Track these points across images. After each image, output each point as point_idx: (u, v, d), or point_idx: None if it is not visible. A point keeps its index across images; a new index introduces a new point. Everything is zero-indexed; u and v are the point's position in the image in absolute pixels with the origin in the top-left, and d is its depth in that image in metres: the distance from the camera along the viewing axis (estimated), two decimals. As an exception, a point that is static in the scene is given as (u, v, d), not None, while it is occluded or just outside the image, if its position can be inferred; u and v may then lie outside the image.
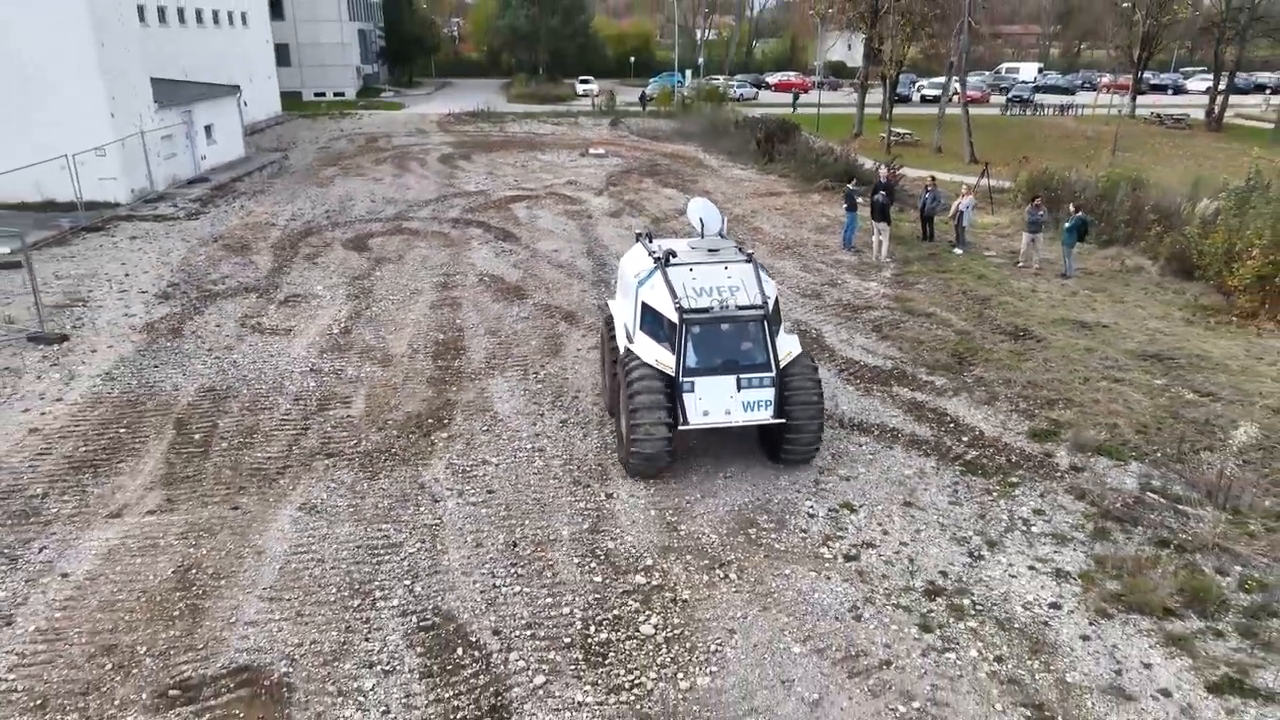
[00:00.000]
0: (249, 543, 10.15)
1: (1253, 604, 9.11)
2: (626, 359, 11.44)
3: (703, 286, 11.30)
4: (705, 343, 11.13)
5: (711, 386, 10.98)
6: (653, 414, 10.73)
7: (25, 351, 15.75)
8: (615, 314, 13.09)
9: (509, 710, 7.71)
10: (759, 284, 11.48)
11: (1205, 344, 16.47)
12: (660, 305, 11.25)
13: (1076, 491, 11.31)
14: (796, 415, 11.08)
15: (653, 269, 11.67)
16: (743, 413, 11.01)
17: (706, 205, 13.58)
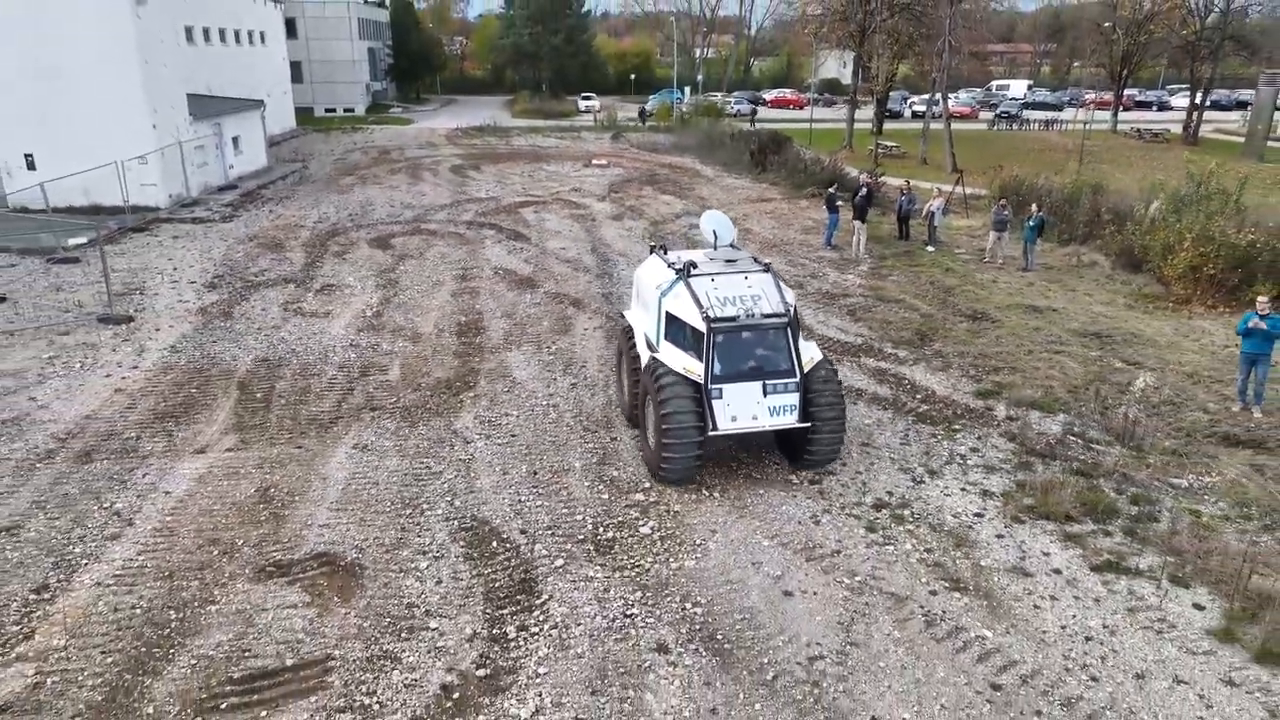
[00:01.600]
0: (314, 471, 12.22)
1: (1138, 513, 11.16)
2: (654, 368, 11.63)
3: (726, 296, 11.57)
4: (732, 350, 11.38)
5: (739, 393, 11.23)
6: (684, 421, 10.98)
7: (98, 330, 17.85)
8: (634, 325, 13.36)
9: (535, 581, 9.76)
10: (779, 293, 11.83)
11: (1140, 324, 18.59)
12: (685, 314, 11.55)
13: (1008, 435, 13.39)
14: (820, 420, 11.43)
15: (675, 280, 12.02)
16: (769, 418, 11.32)
17: (719, 217, 13.82)
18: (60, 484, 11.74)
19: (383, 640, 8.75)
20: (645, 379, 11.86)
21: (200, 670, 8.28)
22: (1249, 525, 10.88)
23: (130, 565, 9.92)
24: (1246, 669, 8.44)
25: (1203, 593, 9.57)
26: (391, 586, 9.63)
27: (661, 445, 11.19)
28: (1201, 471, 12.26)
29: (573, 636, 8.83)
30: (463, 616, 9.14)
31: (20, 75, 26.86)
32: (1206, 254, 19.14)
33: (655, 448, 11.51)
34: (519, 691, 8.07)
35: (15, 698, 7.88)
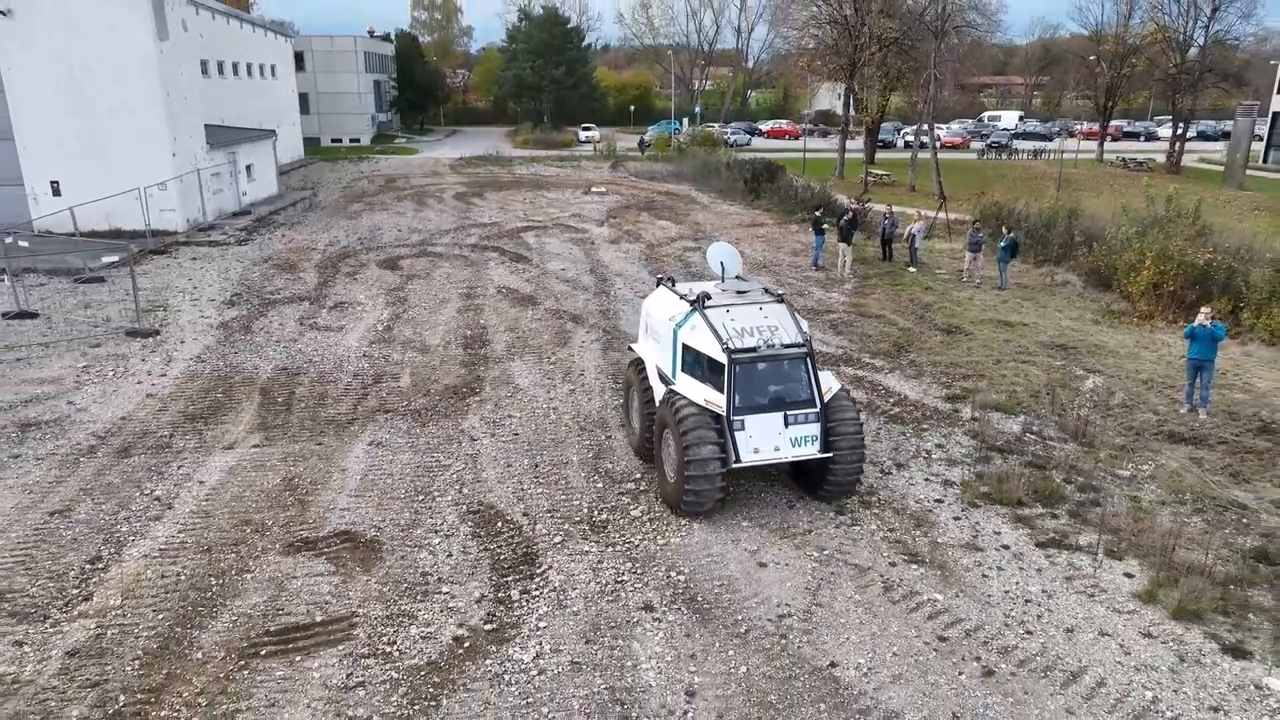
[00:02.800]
0: (334, 464, 13.37)
1: (1084, 499, 12.30)
2: (673, 400, 11.51)
3: (743, 327, 11.55)
4: (752, 381, 11.32)
5: (761, 424, 11.15)
6: (707, 454, 10.88)
7: (126, 343, 19.07)
8: (645, 357, 13.29)
9: (536, 554, 10.88)
10: (796, 323, 11.88)
11: (1104, 337, 19.81)
12: (703, 346, 11.52)
13: (971, 434, 14.55)
14: (840, 450, 11.37)
15: (690, 311, 11.99)
16: (791, 448, 11.24)
17: (726, 249, 13.84)
18: (103, 475, 12.88)
19: (400, 602, 9.87)
20: (663, 412, 11.73)
21: (240, 625, 9.38)
22: (1181, 509, 12.01)
23: (173, 541, 11.05)
24: (1163, 624, 9.54)
25: (1134, 564, 10.69)
26: (407, 559, 10.75)
27: (684, 479, 11.02)
28: (1140, 462, 13.40)
29: (569, 598, 9.94)
30: (471, 583, 10.26)
31: (52, 108, 28.37)
32: (1166, 272, 20.40)
33: (676, 481, 11.33)
34: (522, 641, 9.17)
35: (81, 645, 8.99)
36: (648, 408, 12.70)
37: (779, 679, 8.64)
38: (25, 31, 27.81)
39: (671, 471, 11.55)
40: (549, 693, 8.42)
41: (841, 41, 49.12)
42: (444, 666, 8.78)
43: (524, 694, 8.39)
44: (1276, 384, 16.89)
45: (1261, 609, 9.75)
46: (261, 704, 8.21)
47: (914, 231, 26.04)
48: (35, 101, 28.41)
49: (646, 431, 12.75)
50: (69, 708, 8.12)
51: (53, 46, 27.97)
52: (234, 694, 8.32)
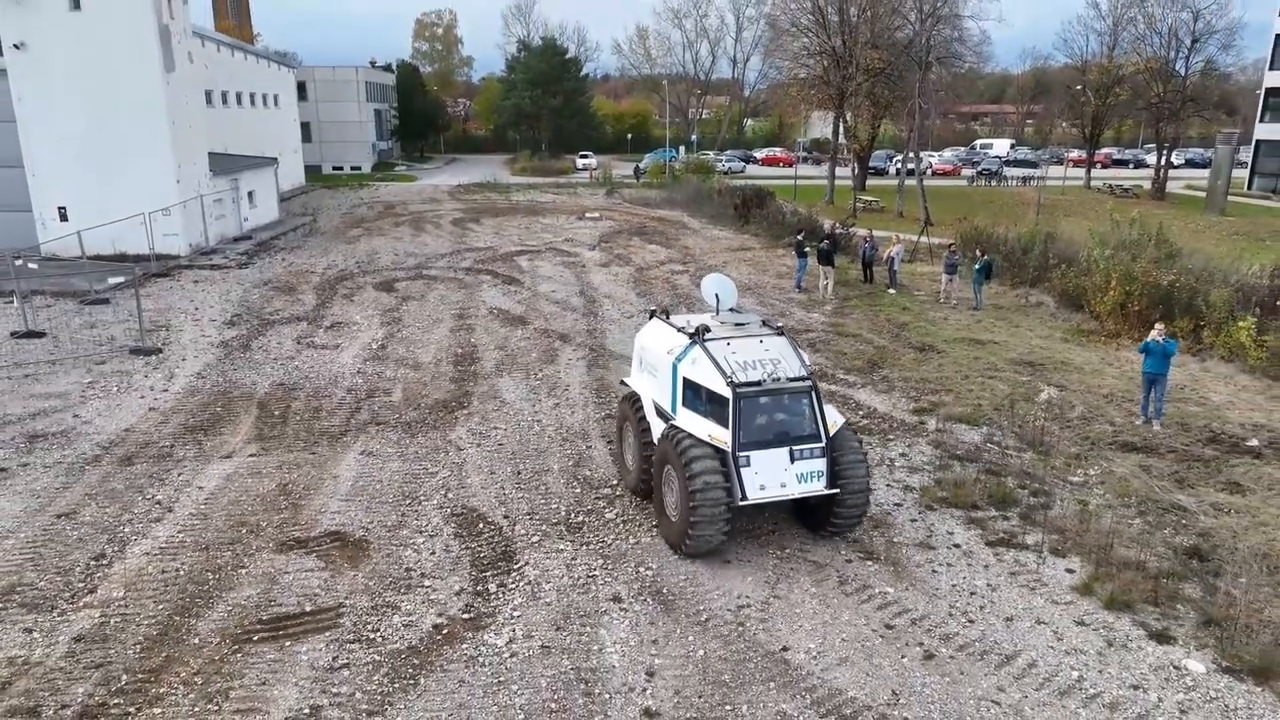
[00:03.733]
0: (327, 471, 14.08)
1: (1035, 503, 12.98)
2: (675, 436, 11.17)
3: (745, 360, 11.27)
4: (757, 416, 11.02)
5: (766, 460, 10.82)
6: (714, 492, 10.55)
7: (130, 360, 19.84)
8: (641, 391, 12.98)
9: (515, 552, 11.57)
10: (798, 355, 11.68)
11: (1071, 355, 20.57)
12: (705, 380, 11.21)
13: (935, 443, 15.27)
14: (846, 485, 11.08)
15: (689, 345, 11.72)
16: (797, 485, 10.90)
17: (721, 280, 13.61)
18: (107, 481, 13.60)
19: (385, 594, 10.54)
20: (665, 449, 11.35)
21: (235, 614, 10.06)
22: (1126, 511, 12.70)
23: (173, 540, 11.74)
24: (1097, 614, 10.21)
25: (1076, 561, 11.36)
26: (393, 556, 11.44)
27: (689, 518, 10.65)
28: (1088, 467, 14.11)
29: (543, 591, 10.62)
30: (452, 578, 10.94)
31: (62, 137, 29.37)
32: (1131, 292, 21.19)
33: (680, 520, 10.95)
34: (496, 628, 9.85)
35: (86, 631, 9.66)
36: (645, 444, 12.33)
37: (734, 661, 9.31)
38: (38, 63, 28.86)
39: (674, 510, 11.19)
40: (519, 672, 9.08)
41: (830, 72, 50.36)
42: (423, 650, 9.45)
43: (496, 674, 9.06)
44: (1229, 397, 17.63)
45: (1189, 600, 10.42)
46: (253, 683, 8.87)
47: (893, 255, 26.90)
48: (45, 130, 29.40)
49: (645, 468, 12.36)
50: (75, 685, 8.78)
51: (63, 78, 29.00)
52: (227, 674, 8.98)
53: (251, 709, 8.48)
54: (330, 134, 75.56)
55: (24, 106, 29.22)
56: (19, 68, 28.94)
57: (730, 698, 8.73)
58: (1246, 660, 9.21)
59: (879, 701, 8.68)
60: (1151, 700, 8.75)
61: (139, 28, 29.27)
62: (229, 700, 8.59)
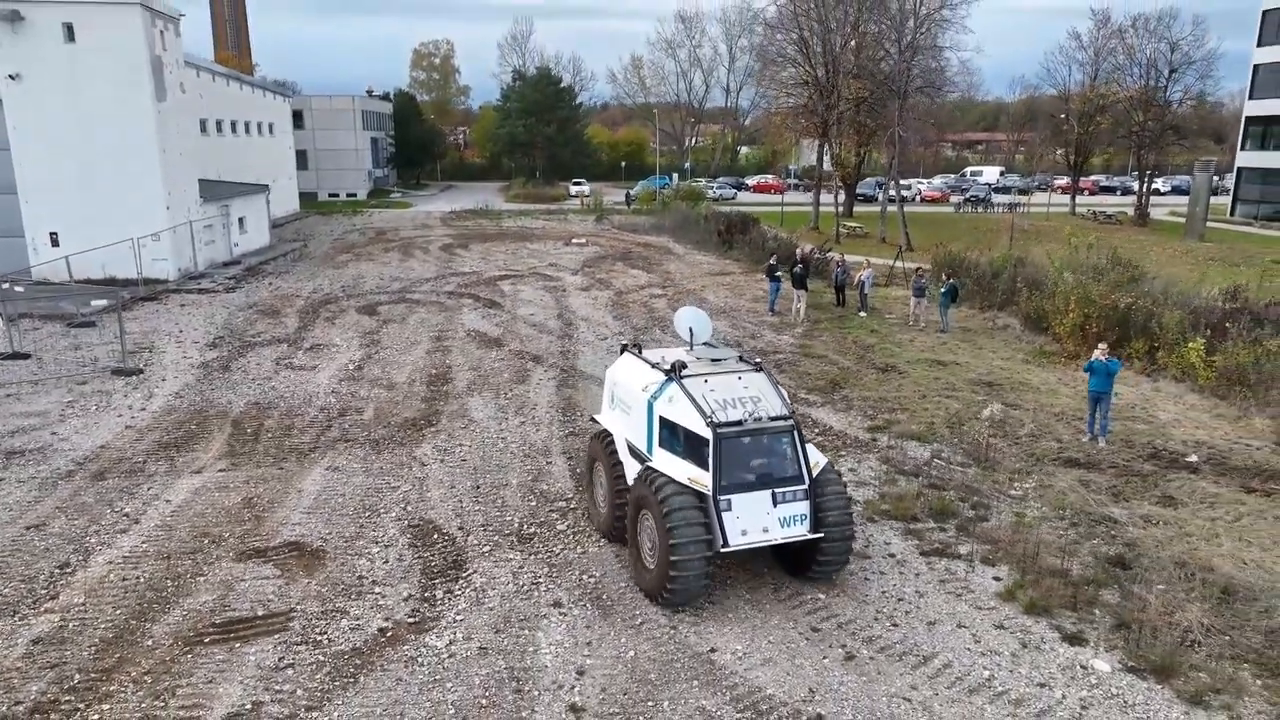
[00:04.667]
0: (292, 486, 14.55)
1: (974, 516, 13.44)
2: (651, 479, 10.62)
3: (724, 398, 10.80)
4: (738, 457, 10.55)
5: (748, 503, 10.35)
6: (694, 538, 10.06)
7: (111, 381, 20.35)
8: (613, 430, 12.47)
9: (465, 561, 12.01)
10: (778, 393, 11.25)
11: (1030, 375, 21.08)
12: (682, 419, 10.72)
13: (884, 459, 15.73)
14: (831, 528, 10.66)
15: (665, 381, 11.25)
16: (780, 529, 10.44)
17: (696, 314, 13.05)
18: (78, 495, 14.06)
19: (336, 600, 10.98)
20: (640, 491, 10.80)
21: (189, 618, 10.49)
22: (1059, 523, 13.15)
23: (136, 550, 12.19)
24: (1016, 618, 10.64)
25: (1004, 570, 11.80)
26: (347, 565, 11.89)
27: (668, 567, 10.11)
28: (1024, 481, 14.58)
29: (488, 597, 11.06)
30: (402, 585, 11.38)
31: (54, 164, 30.14)
32: (1090, 314, 21.74)
33: (659, 569, 10.39)
34: (439, 631, 10.28)
35: (44, 634, 10.09)
36: (618, 485, 11.86)
37: (662, 661, 9.73)
38: (32, 93, 29.66)
39: (651, 557, 10.66)
40: (454, 671, 9.51)
41: (815, 101, 51.33)
42: (366, 652, 9.88)
43: (432, 673, 9.48)
44: (1177, 416, 18.11)
45: (1106, 605, 10.85)
46: (200, 681, 9.30)
47: (863, 279, 27.50)
48: (38, 158, 30.15)
49: (617, 511, 11.88)
50: (30, 684, 9.20)
51: (57, 107, 29.79)
52: (176, 673, 9.41)
53: (196, 705, 8.90)
54: (326, 161, 76.61)
55: (18, 135, 29.97)
56: (14, 98, 29.73)
57: (654, 695, 9.15)
58: (1150, 660, 9.63)
59: (795, 699, 9.09)
60: (1055, 697, 9.16)
61: (131, 59, 30.11)
62: (175, 697, 9.01)
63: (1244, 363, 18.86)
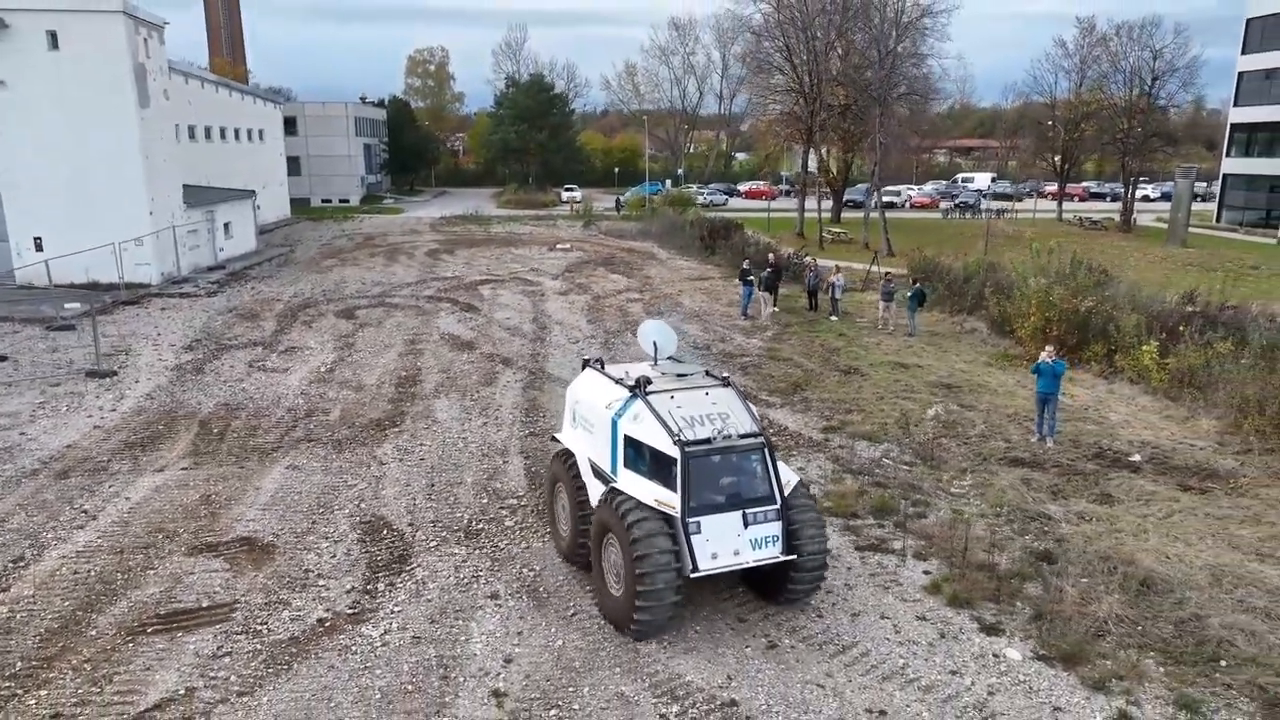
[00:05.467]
0: (251, 483, 14.87)
1: (913, 512, 13.75)
2: (616, 501, 10.18)
3: (691, 415, 10.37)
4: (708, 477, 10.12)
5: (717, 525, 9.91)
6: (663, 564, 9.61)
7: (85, 382, 20.68)
8: (575, 449, 11.94)
9: (411, 556, 12.32)
10: (747, 409, 10.87)
11: (989, 378, 21.41)
12: (648, 438, 10.26)
13: (834, 459, 16.05)
14: (803, 550, 10.24)
15: (630, 398, 10.79)
16: (751, 552, 10.03)
17: (660, 327, 12.54)
18: (41, 493, 14.37)
19: (280, 592, 11.29)
20: (605, 515, 10.34)
21: (134, 609, 10.80)
22: (995, 520, 13.47)
23: (90, 545, 12.51)
24: (939, 610, 10.95)
25: (935, 564, 12.12)
26: (295, 559, 12.20)
27: (636, 595, 9.65)
28: (964, 480, 14.91)
29: (428, 589, 11.38)
30: (346, 578, 11.69)
31: (38, 170, 30.49)
32: (1050, 318, 22.08)
33: (625, 596, 9.92)
34: (375, 622, 10.59)
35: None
36: (581, 508, 11.37)
37: (588, 650, 10.05)
38: (16, 100, 30.04)
39: (616, 584, 10.20)
40: (385, 659, 9.82)
41: (799, 108, 51.77)
42: (303, 641, 10.19)
43: (364, 660, 9.80)
44: (1126, 417, 18.44)
45: (1028, 597, 11.16)
46: (138, 669, 9.61)
47: (833, 283, 27.85)
48: (23, 164, 30.50)
49: (581, 536, 11.35)
50: (-27, 671, 9.52)
51: (41, 113, 30.16)
52: (115, 661, 9.72)
53: (131, 690, 9.21)
54: (319, 168, 77.04)
55: (2, 141, 30.32)
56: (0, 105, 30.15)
57: (576, 681, 9.46)
58: (1060, 649, 9.94)
59: (712, 685, 9.40)
60: (965, 684, 9.48)
61: (114, 66, 30.51)
62: (112, 683, 9.32)
63: (1195, 365, 19.18)
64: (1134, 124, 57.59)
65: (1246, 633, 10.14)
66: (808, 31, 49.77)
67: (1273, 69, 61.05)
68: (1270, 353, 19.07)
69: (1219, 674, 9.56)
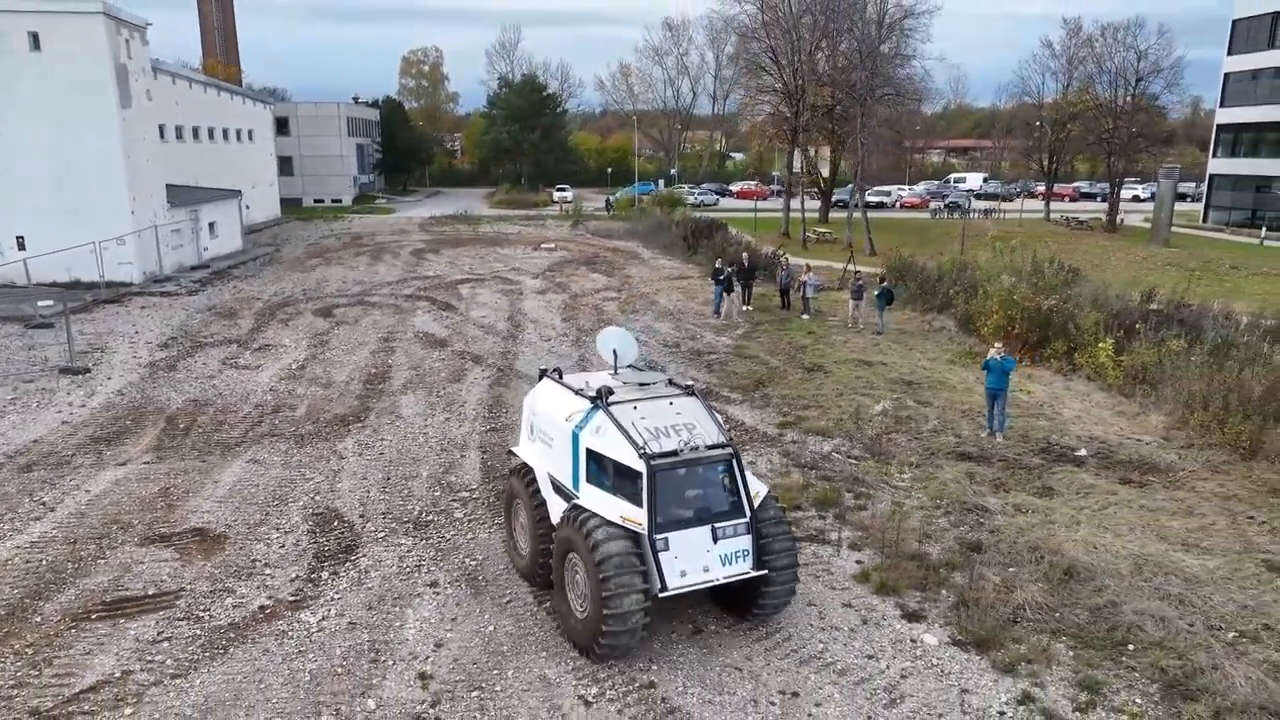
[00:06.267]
0: (210, 477, 15.16)
1: (855, 504, 14.04)
2: (580, 518, 9.76)
3: (656, 426, 10.04)
4: (675, 491, 9.79)
5: (686, 541, 9.56)
6: (631, 584, 9.22)
7: (57, 379, 20.98)
8: (533, 464, 11.46)
9: (359, 546, 12.62)
10: (713, 418, 10.55)
11: (950, 375, 21.70)
12: (612, 451, 9.88)
13: (785, 453, 16.34)
14: (773, 563, 9.95)
15: (591, 409, 10.41)
16: (721, 568, 9.69)
17: (620, 335, 12.16)
18: (1, 485, 14.67)
19: (226, 581, 11.59)
20: (568, 533, 9.91)
21: (82, 597, 11.09)
22: (934, 512, 13.76)
23: (45, 535, 12.80)
24: (865, 598, 11.24)
25: (868, 554, 12.41)
26: (245, 549, 12.49)
27: (603, 618, 9.20)
28: (911, 473, 15.21)
29: (369, 578, 11.67)
30: (292, 568, 11.98)
31: (21, 170, 30.79)
32: (1013, 316, 22.38)
33: (591, 619, 9.47)
34: (314, 609, 10.89)
35: (-59, 611, 10.71)
36: (541, 526, 10.93)
37: (517, 635, 10.35)
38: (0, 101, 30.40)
39: (581, 605, 9.78)
40: (319, 644, 10.12)
41: (784, 108, 52.08)
42: (242, 627, 10.48)
43: (299, 645, 10.09)
44: (1079, 413, 18.73)
45: (954, 585, 11.45)
46: (79, 653, 9.90)
47: (805, 281, 28.14)
48: (5, 163, 30.78)
49: (541, 556, 10.90)
50: (-82, 655, 9.81)
51: (24, 114, 30.47)
52: (57, 646, 10.01)
53: (69, 673, 9.50)
54: (312, 168, 77.41)
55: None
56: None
57: (501, 664, 9.76)
58: (976, 634, 10.24)
59: (634, 668, 9.69)
60: (880, 667, 9.77)
61: (96, 67, 30.82)
62: (51, 667, 9.61)
63: (1148, 363, 19.47)
64: (1119, 124, 57.93)
65: (1157, 618, 10.43)
66: (792, 33, 50.06)
67: (1258, 70, 61.41)
68: (1223, 350, 19.35)
69: (1125, 657, 9.86)
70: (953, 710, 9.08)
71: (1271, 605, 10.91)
